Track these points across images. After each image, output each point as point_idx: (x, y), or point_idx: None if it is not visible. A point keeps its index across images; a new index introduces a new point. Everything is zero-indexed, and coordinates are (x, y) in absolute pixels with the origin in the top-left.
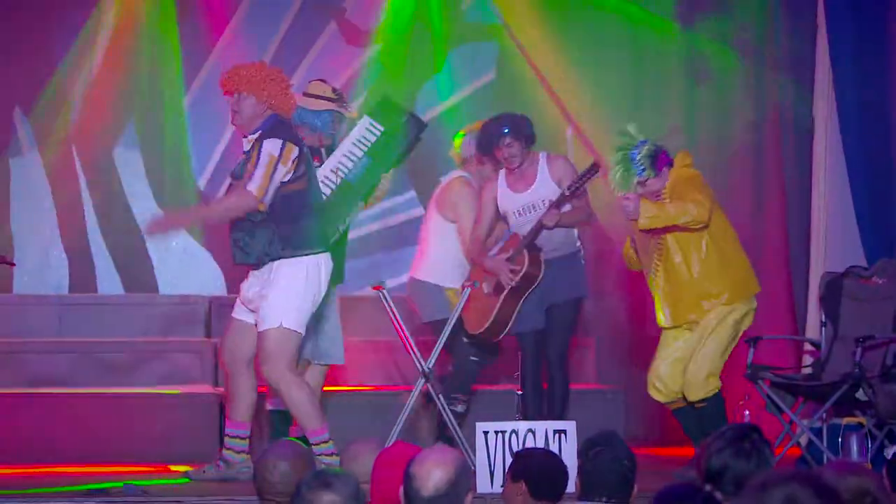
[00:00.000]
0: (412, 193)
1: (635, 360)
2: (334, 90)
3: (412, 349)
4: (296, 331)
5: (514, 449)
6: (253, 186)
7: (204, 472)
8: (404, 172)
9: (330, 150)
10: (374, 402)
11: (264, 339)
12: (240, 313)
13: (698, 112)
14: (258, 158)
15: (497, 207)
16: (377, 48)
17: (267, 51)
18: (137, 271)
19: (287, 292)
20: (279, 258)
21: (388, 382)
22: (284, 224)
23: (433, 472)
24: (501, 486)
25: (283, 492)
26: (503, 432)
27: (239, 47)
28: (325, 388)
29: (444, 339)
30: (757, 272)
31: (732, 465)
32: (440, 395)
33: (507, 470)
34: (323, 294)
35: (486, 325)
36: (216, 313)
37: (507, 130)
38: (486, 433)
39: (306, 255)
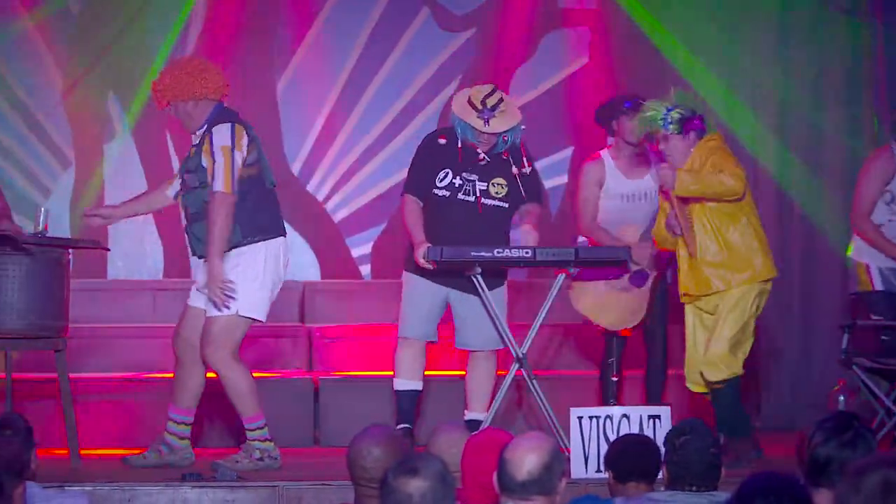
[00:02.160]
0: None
1: None
2: (484, 99)
3: (506, 334)
4: (249, 318)
5: (609, 434)
6: (219, 185)
7: (144, 457)
8: None
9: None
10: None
11: (212, 324)
12: (195, 300)
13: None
14: (213, 154)
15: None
16: (471, 33)
17: (358, 36)
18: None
19: (244, 280)
20: (237, 246)
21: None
22: (241, 211)
23: (527, 457)
24: (596, 472)
25: (376, 477)
26: (597, 417)
27: (330, 33)
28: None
29: (539, 324)
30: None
31: (837, 456)
32: (534, 380)
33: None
34: (282, 280)
35: (641, 317)
36: (310, 298)
37: (628, 105)
38: (580, 418)
39: (264, 240)
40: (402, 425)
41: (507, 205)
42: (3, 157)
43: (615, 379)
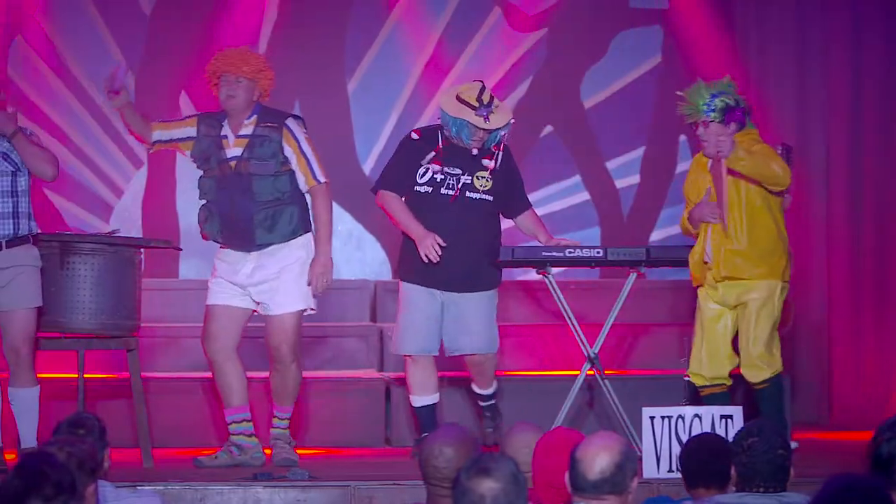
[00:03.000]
0: (577, 178)
1: (799, 342)
2: (479, 97)
3: (578, 334)
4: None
5: (681, 434)
6: (321, 176)
7: (216, 457)
8: (569, 158)
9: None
10: (538, 388)
11: (289, 320)
12: (230, 299)
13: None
14: (300, 146)
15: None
16: (543, 33)
17: (429, 37)
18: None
19: (304, 274)
20: (294, 237)
21: (553, 367)
22: (298, 203)
23: (599, 457)
24: (668, 472)
25: (448, 477)
26: (669, 417)
27: (401, 34)
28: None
29: (610, 323)
30: None
31: None
32: (605, 379)
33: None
34: None
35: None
36: (381, 298)
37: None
38: (652, 418)
39: (309, 233)
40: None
41: (491, 198)
42: (75, 157)
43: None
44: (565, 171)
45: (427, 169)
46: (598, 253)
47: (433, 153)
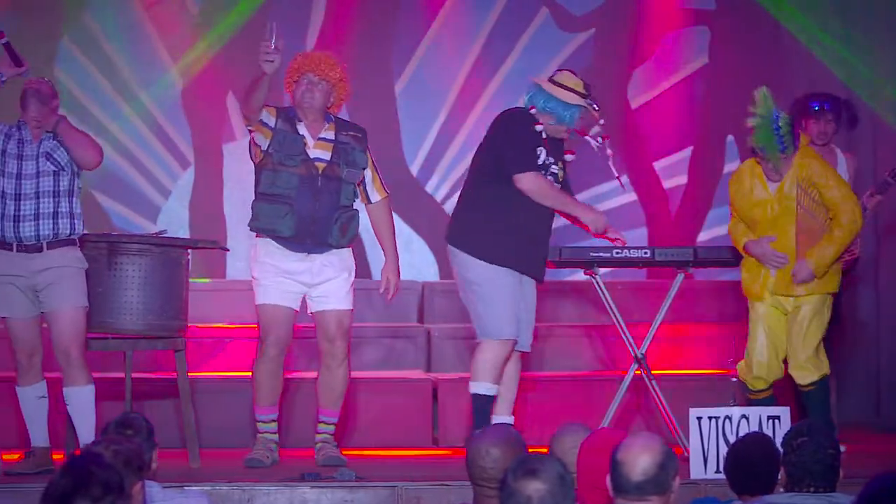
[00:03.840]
0: (624, 179)
1: (846, 343)
2: (585, 85)
3: (625, 334)
4: None
5: (728, 435)
6: (386, 188)
7: (267, 456)
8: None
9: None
10: (585, 388)
11: (347, 318)
12: (288, 301)
13: None
14: (372, 158)
15: None
16: (590, 34)
17: (476, 37)
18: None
19: (352, 277)
20: (352, 244)
21: (600, 368)
22: (357, 212)
23: (640, 458)
24: (716, 472)
25: (495, 477)
26: (717, 418)
27: (448, 35)
28: (541, 374)
29: (658, 324)
30: None
31: None
32: (653, 380)
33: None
34: None
35: None
36: (429, 299)
37: (815, 106)
38: (699, 419)
39: None
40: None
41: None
42: (123, 158)
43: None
44: (609, 173)
45: (540, 153)
46: (646, 253)
47: (542, 138)
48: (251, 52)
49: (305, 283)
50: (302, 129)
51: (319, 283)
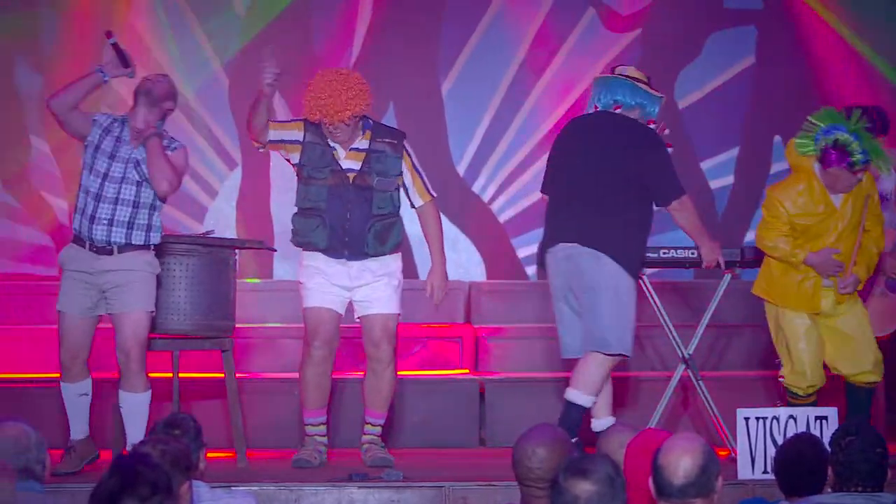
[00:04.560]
0: None
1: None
2: (648, 77)
3: (673, 335)
4: None
5: (776, 436)
6: (433, 191)
7: (315, 457)
8: None
9: None
10: (633, 389)
11: (392, 321)
12: (333, 303)
13: None
14: (415, 165)
15: None
16: (637, 34)
17: (523, 37)
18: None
19: (401, 283)
20: (397, 251)
21: (647, 368)
22: (400, 218)
23: (682, 461)
24: (763, 473)
25: (542, 477)
26: (764, 418)
27: (495, 35)
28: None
29: (705, 324)
30: None
31: None
32: (700, 380)
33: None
34: None
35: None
36: (476, 299)
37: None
38: (746, 419)
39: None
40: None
41: None
42: None
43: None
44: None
45: None
46: (693, 254)
47: None
48: (298, 52)
49: (344, 286)
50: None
51: (358, 286)
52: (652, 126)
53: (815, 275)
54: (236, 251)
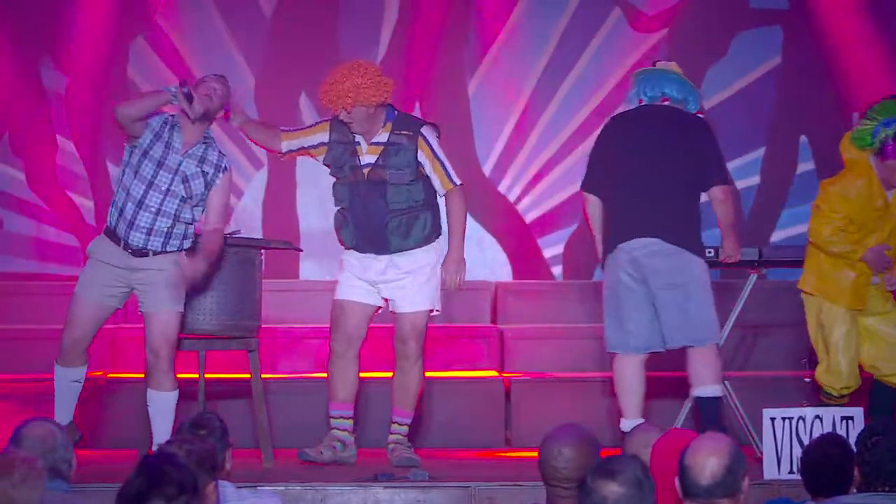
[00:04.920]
0: None
1: None
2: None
3: None
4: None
5: (802, 436)
6: (457, 179)
7: (321, 452)
8: None
9: None
10: (659, 389)
11: (420, 318)
12: (358, 295)
13: None
14: (435, 153)
15: None
16: (663, 34)
17: (549, 37)
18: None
19: (433, 277)
20: (428, 242)
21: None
22: (431, 209)
23: (709, 461)
24: (789, 473)
25: (569, 477)
26: (790, 418)
27: (521, 35)
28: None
29: (731, 324)
30: None
31: None
32: (726, 380)
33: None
34: None
35: None
36: (502, 299)
37: None
38: (772, 419)
39: (441, 236)
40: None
41: None
42: None
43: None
44: None
45: None
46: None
47: None
48: (325, 52)
49: (371, 280)
50: (359, 136)
51: (385, 282)
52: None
53: (866, 271)
54: (262, 251)
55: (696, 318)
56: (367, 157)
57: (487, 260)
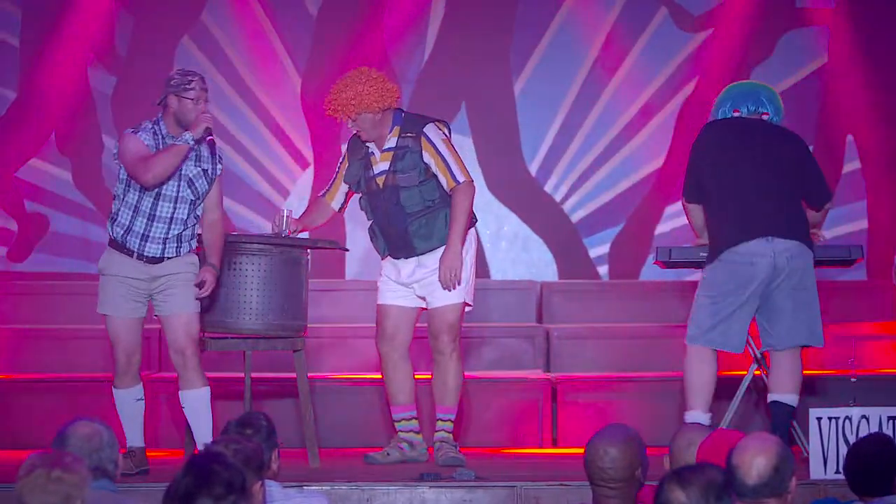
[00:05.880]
0: None
1: None
2: None
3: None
4: (467, 304)
5: (848, 435)
6: (462, 176)
7: (387, 454)
8: None
9: None
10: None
11: (449, 313)
12: (398, 299)
13: None
14: (438, 151)
15: None
16: (708, 33)
17: (596, 37)
18: (478, 253)
19: (468, 267)
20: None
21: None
22: (450, 205)
23: (756, 461)
24: (835, 473)
25: (614, 477)
26: (836, 418)
27: (567, 34)
28: (660, 374)
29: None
30: None
31: None
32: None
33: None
34: None
35: None
36: (547, 299)
37: None
38: (819, 419)
39: (473, 226)
40: None
41: None
42: (243, 159)
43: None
44: None
45: None
46: None
47: None
48: (371, 51)
49: (404, 283)
50: (372, 146)
51: (417, 281)
52: None
53: None
54: (308, 251)
55: (815, 320)
56: (381, 165)
57: (533, 259)
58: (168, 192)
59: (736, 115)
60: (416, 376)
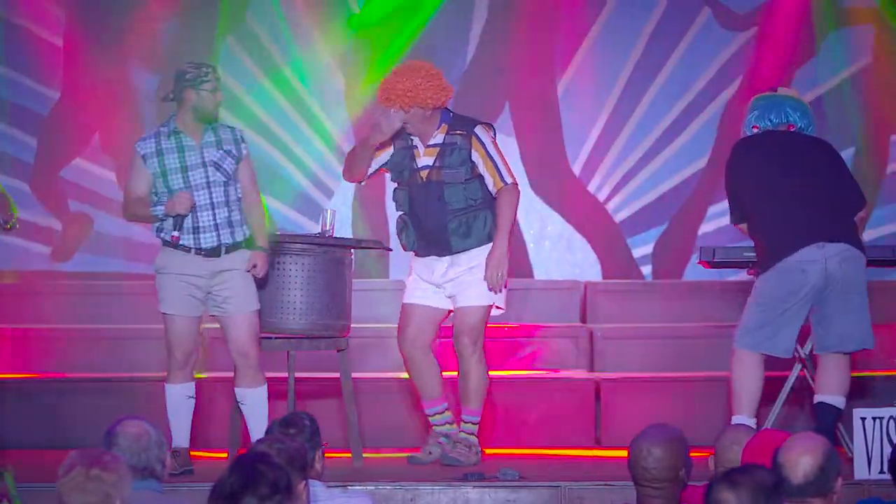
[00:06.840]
0: None
1: None
2: None
3: None
4: (495, 308)
5: (892, 436)
6: (510, 178)
7: (430, 452)
8: None
9: None
10: None
11: (475, 313)
12: (424, 299)
13: None
14: (488, 151)
15: None
16: (752, 32)
17: (639, 36)
18: (513, 257)
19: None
20: (490, 241)
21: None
22: (491, 207)
23: (802, 460)
24: (879, 473)
25: (657, 477)
26: (881, 418)
27: (610, 34)
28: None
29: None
30: None
31: None
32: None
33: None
34: None
35: None
36: (591, 298)
37: None
38: (863, 419)
39: None
40: None
41: None
42: (287, 159)
43: None
44: None
45: None
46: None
47: None
48: (415, 48)
49: (434, 282)
50: (416, 139)
51: (449, 280)
52: None
53: None
54: (352, 251)
55: (867, 323)
56: (424, 160)
57: (577, 259)
58: (197, 181)
59: (756, 130)
60: (445, 373)
